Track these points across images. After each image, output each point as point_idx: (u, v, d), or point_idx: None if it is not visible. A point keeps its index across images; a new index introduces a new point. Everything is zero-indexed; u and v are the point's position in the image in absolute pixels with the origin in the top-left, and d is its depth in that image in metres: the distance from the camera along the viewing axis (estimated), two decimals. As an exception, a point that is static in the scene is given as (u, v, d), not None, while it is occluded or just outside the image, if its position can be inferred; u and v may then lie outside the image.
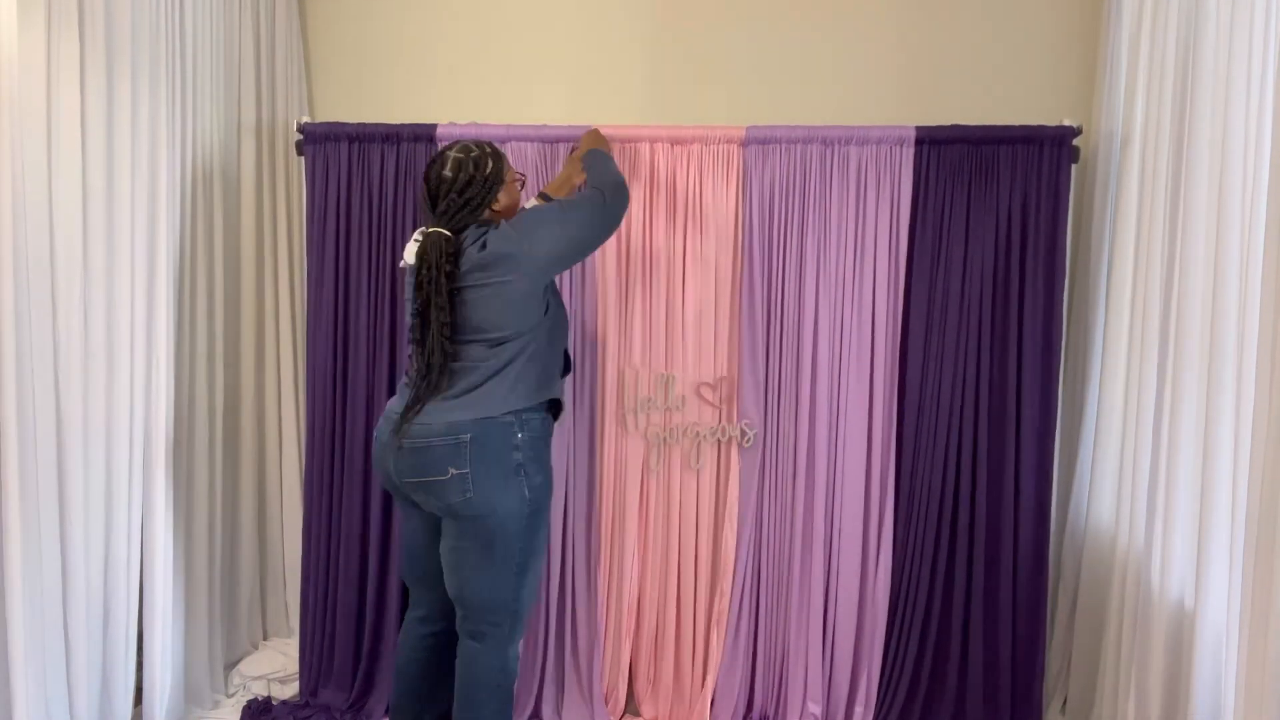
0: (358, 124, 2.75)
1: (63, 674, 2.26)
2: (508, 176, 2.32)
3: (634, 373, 2.78)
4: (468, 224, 2.25)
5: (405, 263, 2.28)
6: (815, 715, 2.76)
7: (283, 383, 3.09)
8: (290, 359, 3.09)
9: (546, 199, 2.43)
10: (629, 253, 2.78)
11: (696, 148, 2.73)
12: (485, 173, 2.26)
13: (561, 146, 2.75)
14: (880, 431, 2.73)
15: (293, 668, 2.95)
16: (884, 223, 2.70)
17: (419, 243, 2.22)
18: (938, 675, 2.74)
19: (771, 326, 2.74)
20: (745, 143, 2.71)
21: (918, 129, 2.66)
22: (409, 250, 2.26)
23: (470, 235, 2.23)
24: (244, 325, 2.97)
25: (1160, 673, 2.17)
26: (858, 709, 2.77)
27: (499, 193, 2.29)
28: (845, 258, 2.71)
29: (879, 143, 2.67)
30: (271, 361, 3.07)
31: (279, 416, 3.10)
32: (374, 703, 2.80)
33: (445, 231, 2.21)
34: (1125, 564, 2.42)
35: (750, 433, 2.74)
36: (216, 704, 2.83)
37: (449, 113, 2.92)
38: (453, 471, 2.17)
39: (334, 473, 2.82)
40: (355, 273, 2.78)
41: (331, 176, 2.77)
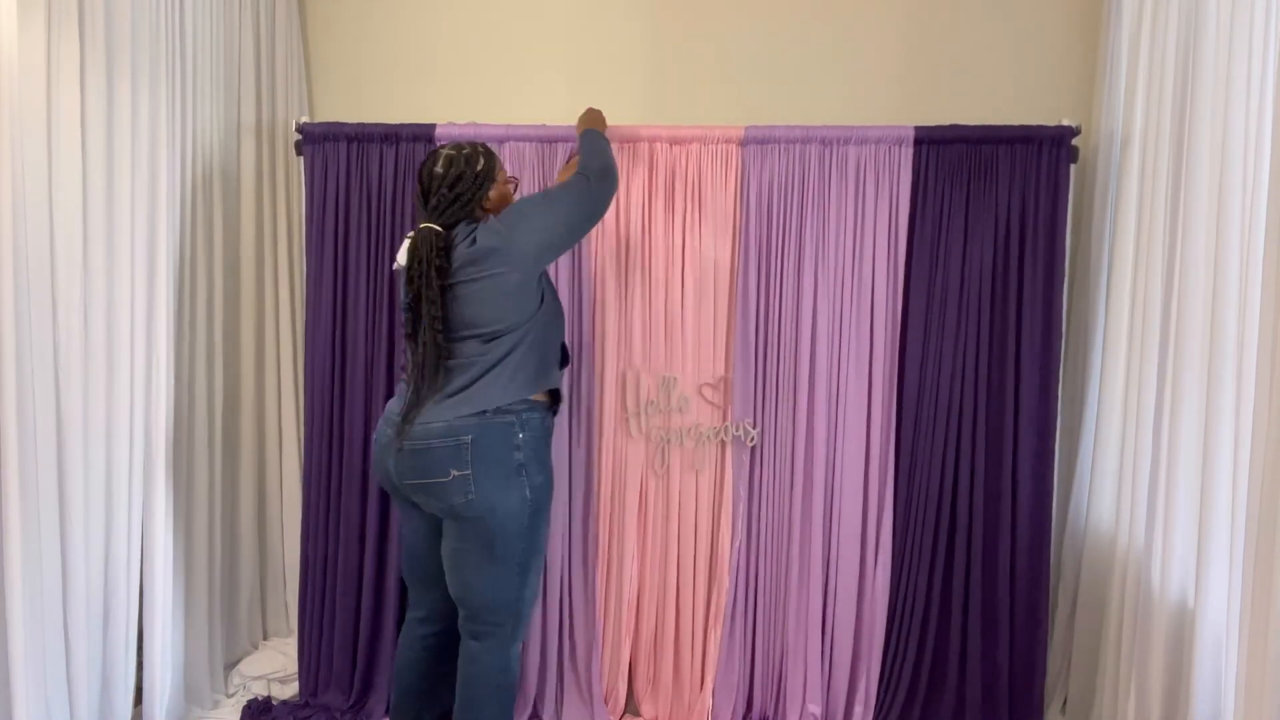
0: (357, 124, 2.76)
1: (63, 674, 2.25)
2: (499, 176, 2.34)
3: (635, 375, 2.78)
4: (459, 220, 2.27)
5: (399, 265, 2.28)
6: (815, 715, 2.76)
7: (282, 383, 3.09)
8: (290, 359, 3.09)
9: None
10: (628, 253, 2.78)
11: (695, 147, 2.73)
12: (476, 169, 2.28)
13: (561, 146, 2.75)
14: (879, 432, 2.73)
15: (293, 668, 2.95)
16: (883, 223, 2.70)
17: (410, 239, 2.24)
18: (937, 675, 2.74)
19: (770, 326, 2.74)
20: (744, 142, 2.71)
21: (917, 129, 2.66)
22: (402, 252, 2.27)
23: (461, 232, 2.25)
24: (244, 325, 2.97)
25: (1160, 673, 2.17)
26: (857, 709, 2.77)
27: (490, 190, 2.31)
28: (844, 258, 2.71)
29: (878, 142, 2.67)
30: (271, 361, 3.07)
31: (279, 416, 3.10)
32: (374, 703, 2.80)
33: (436, 227, 2.23)
34: (1125, 564, 2.42)
35: (753, 431, 2.74)
36: (216, 704, 2.83)
37: (448, 113, 2.93)
38: (454, 473, 2.17)
39: (333, 473, 2.82)
40: (354, 272, 2.78)
41: (331, 176, 2.77)
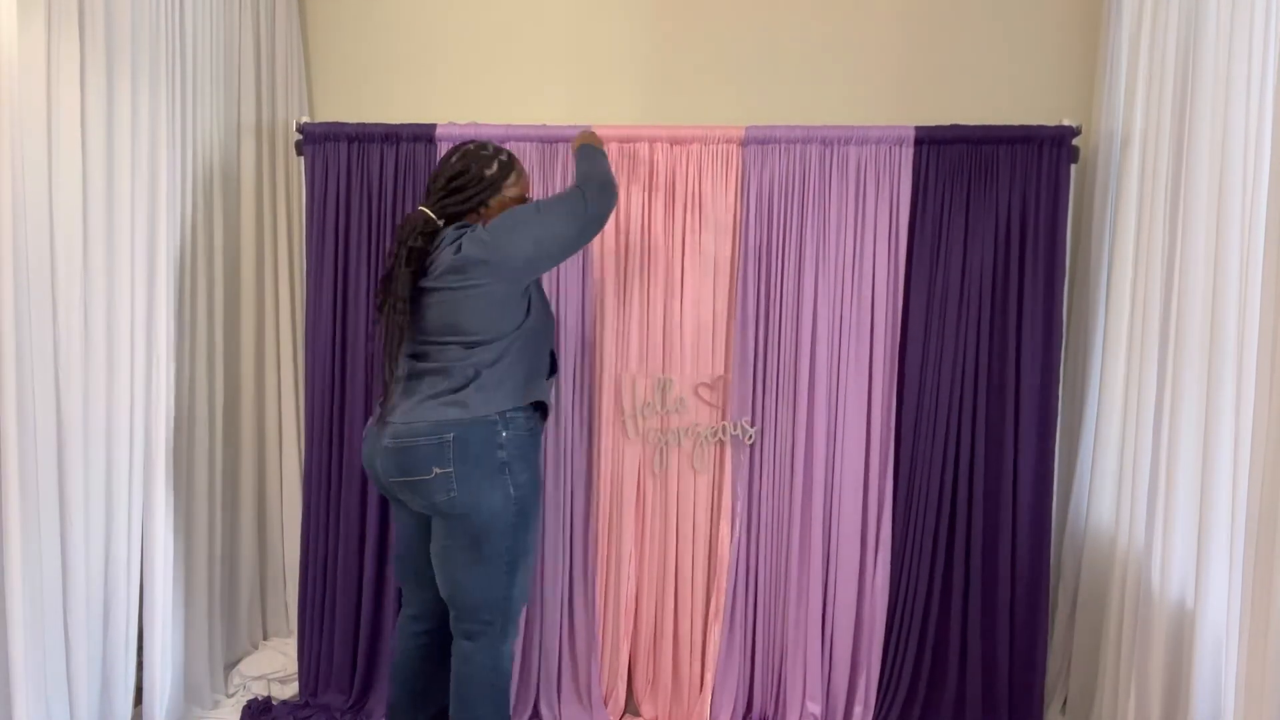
0: (357, 124, 2.76)
1: (63, 674, 2.25)
2: (509, 191, 2.30)
3: (631, 378, 2.78)
4: (451, 215, 2.26)
5: None
6: (814, 715, 2.76)
7: (283, 383, 3.09)
8: (290, 359, 3.09)
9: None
10: (627, 253, 2.78)
11: (696, 147, 2.73)
12: (484, 174, 2.27)
13: (561, 146, 2.75)
14: (879, 431, 2.73)
15: (293, 668, 2.95)
16: (883, 223, 2.69)
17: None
18: (937, 675, 2.74)
19: (770, 326, 2.74)
20: (744, 142, 2.71)
21: (917, 129, 2.66)
22: None
23: (450, 234, 2.22)
24: (244, 325, 2.97)
25: (1160, 673, 2.17)
26: (857, 708, 2.77)
27: (492, 199, 2.29)
28: (844, 258, 2.71)
29: (878, 143, 2.67)
30: (271, 361, 3.07)
31: (279, 416, 3.10)
32: (374, 703, 2.81)
33: (429, 212, 2.23)
34: (1125, 564, 2.42)
35: (751, 430, 2.74)
36: (216, 704, 2.83)
37: (449, 113, 2.93)
38: (436, 471, 2.16)
39: (333, 473, 2.82)
40: (355, 272, 2.78)
41: (331, 176, 2.77)
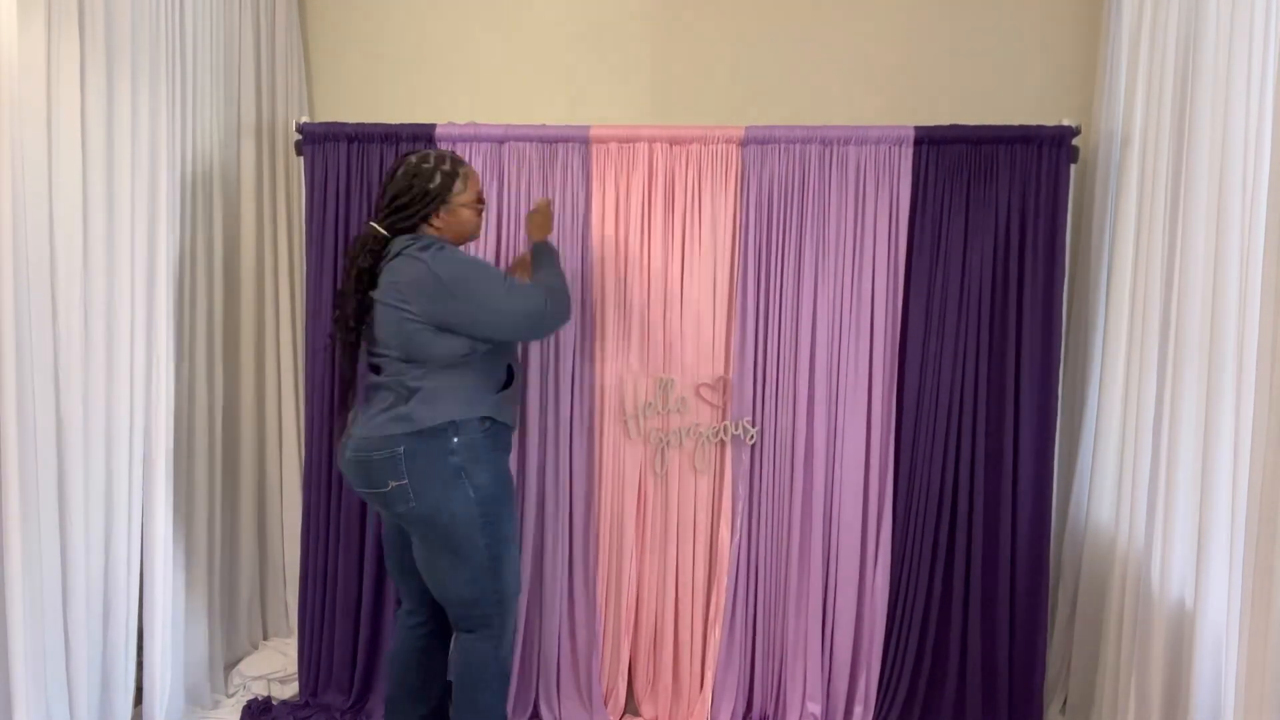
0: (357, 124, 2.75)
1: (63, 674, 2.25)
2: (456, 199, 2.22)
3: (633, 378, 2.78)
4: (401, 229, 2.21)
5: None
6: (814, 715, 2.76)
7: (283, 383, 3.09)
8: (290, 359, 3.09)
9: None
10: (627, 253, 2.77)
11: (695, 148, 2.73)
12: (426, 187, 2.19)
13: (561, 147, 2.74)
14: (879, 432, 2.72)
15: (293, 668, 2.95)
16: (883, 223, 2.69)
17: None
18: (937, 675, 2.74)
19: (770, 326, 2.74)
20: (744, 143, 2.71)
21: (917, 129, 2.66)
22: None
23: (398, 244, 2.17)
24: (244, 325, 2.97)
25: (1160, 673, 2.17)
26: (857, 708, 2.77)
27: (440, 211, 2.22)
28: (844, 258, 2.71)
29: (878, 143, 2.67)
30: (271, 361, 3.07)
31: (279, 416, 3.10)
32: (374, 703, 2.80)
33: (379, 229, 2.20)
34: (1125, 564, 2.42)
35: (753, 430, 2.74)
36: (216, 704, 2.83)
37: (449, 113, 2.92)
38: (393, 484, 2.17)
39: (333, 473, 2.81)
40: (355, 273, 2.78)
41: (331, 176, 2.77)
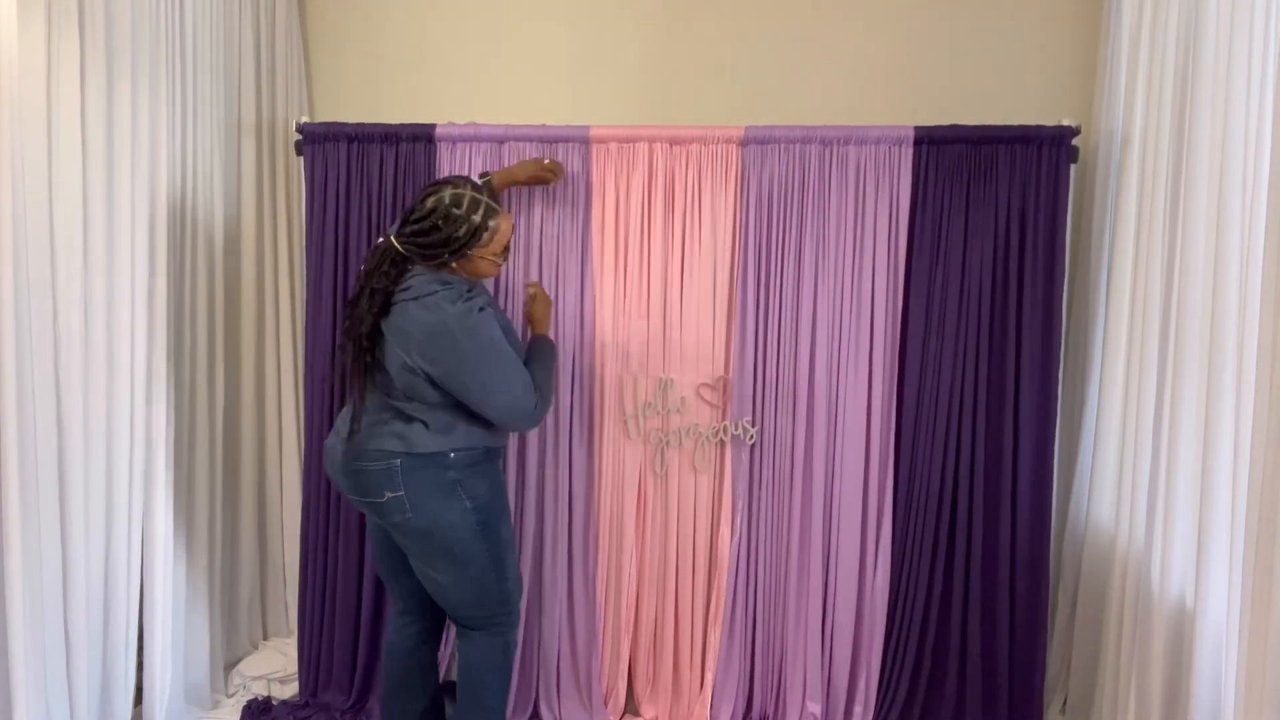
0: (357, 124, 2.75)
1: (63, 674, 2.26)
2: (478, 252, 2.14)
3: (632, 378, 2.78)
4: (419, 260, 2.14)
5: None
6: (814, 715, 2.76)
7: (283, 383, 3.09)
8: (290, 359, 3.09)
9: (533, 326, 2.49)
10: (627, 253, 2.77)
11: (695, 148, 2.73)
12: (453, 234, 2.10)
13: (561, 146, 2.74)
14: (879, 431, 2.72)
15: (293, 668, 2.95)
16: (883, 223, 2.69)
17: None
18: (937, 675, 2.74)
19: (770, 326, 2.74)
20: (744, 143, 2.71)
21: (916, 129, 2.65)
22: None
23: (418, 284, 2.11)
24: (244, 325, 2.97)
25: (1160, 673, 2.17)
26: (857, 708, 2.77)
27: (457, 260, 2.14)
28: (844, 258, 2.71)
29: (878, 143, 2.67)
30: (271, 361, 3.07)
31: (279, 416, 3.10)
32: (374, 702, 2.80)
33: (398, 246, 2.13)
34: (1125, 564, 2.42)
35: (752, 429, 2.74)
36: (216, 704, 2.83)
37: (448, 113, 2.92)
38: (389, 495, 2.18)
39: (334, 473, 2.82)
40: (354, 273, 2.78)
41: (331, 176, 2.76)
